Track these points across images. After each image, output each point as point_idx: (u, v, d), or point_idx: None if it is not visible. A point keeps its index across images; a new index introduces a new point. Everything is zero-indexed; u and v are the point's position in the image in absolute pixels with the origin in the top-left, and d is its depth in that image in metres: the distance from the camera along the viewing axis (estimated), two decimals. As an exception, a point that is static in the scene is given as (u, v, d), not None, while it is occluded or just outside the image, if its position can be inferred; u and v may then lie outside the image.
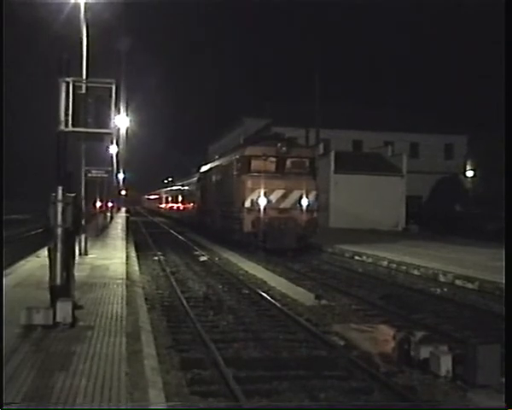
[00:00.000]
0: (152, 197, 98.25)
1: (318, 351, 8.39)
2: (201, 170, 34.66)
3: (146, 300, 11.39)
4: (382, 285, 14.96)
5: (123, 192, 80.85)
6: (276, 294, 13.07)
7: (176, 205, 52.63)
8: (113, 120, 9.29)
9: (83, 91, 8.73)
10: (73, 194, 8.96)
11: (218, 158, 30.86)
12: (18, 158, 64.53)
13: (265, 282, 14.92)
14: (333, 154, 39.53)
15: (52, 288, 8.32)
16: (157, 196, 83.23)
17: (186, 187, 44.72)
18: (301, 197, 21.91)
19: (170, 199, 60.20)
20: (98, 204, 31.53)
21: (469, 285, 14.07)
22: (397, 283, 15.61)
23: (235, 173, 23.53)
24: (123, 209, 77.13)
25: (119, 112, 37.24)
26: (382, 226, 35.72)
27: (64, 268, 8.35)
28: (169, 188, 64.53)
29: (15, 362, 6.21)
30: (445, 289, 14.29)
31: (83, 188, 18.21)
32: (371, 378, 7.07)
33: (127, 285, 12.07)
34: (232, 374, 6.93)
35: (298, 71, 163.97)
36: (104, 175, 25.92)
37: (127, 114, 43.78)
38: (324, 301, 12.24)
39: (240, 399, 6.17)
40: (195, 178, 37.54)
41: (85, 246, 17.91)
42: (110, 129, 9.12)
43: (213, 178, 29.20)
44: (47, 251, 8.74)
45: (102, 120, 8.81)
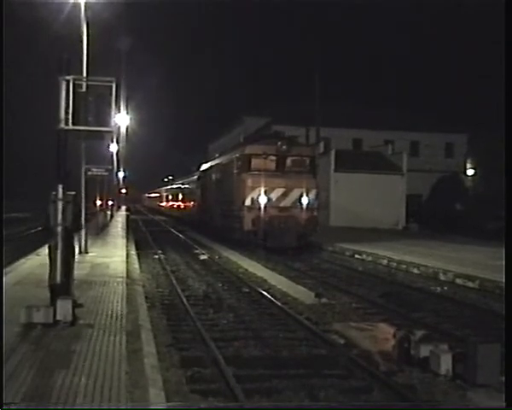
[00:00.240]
0: (152, 196, 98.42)
1: (318, 350, 8.38)
2: (202, 168, 34.62)
3: (146, 298, 11.38)
4: (382, 284, 14.95)
5: (123, 190, 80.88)
6: (277, 292, 13.07)
7: (176, 203, 52.63)
8: (114, 119, 9.28)
9: (83, 90, 8.71)
10: (73, 192, 8.96)
11: (219, 156, 30.79)
12: (18, 158, 64.60)
13: (266, 280, 14.92)
14: (333, 152, 39.51)
15: (52, 286, 8.32)
16: (157, 195, 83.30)
17: (186, 185, 44.68)
18: (301, 196, 21.91)
19: (170, 197, 60.19)
20: (98, 202, 31.50)
21: (470, 284, 14.09)
22: (397, 281, 15.60)
23: (235, 172, 23.51)
24: (123, 208, 77.15)
25: (120, 110, 37.32)
26: (382, 225, 35.73)
27: (64, 267, 8.35)
28: (169, 186, 64.50)
29: (15, 361, 6.20)
30: (446, 287, 14.29)
31: (83, 186, 18.17)
32: (371, 377, 7.06)
33: (127, 283, 12.08)
34: (232, 373, 6.92)
35: (298, 71, 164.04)
36: (104, 173, 25.82)
37: (127, 113, 43.89)
38: (324, 299, 12.24)
39: (240, 398, 6.17)
40: (196, 176, 37.48)
41: (85, 244, 17.92)
42: (110, 127, 9.11)
43: (214, 176, 29.16)
44: (47, 249, 8.74)
45: (103, 119, 8.78)
